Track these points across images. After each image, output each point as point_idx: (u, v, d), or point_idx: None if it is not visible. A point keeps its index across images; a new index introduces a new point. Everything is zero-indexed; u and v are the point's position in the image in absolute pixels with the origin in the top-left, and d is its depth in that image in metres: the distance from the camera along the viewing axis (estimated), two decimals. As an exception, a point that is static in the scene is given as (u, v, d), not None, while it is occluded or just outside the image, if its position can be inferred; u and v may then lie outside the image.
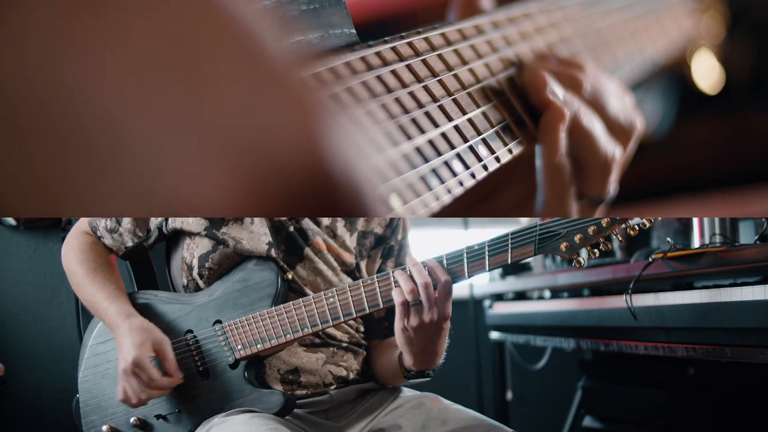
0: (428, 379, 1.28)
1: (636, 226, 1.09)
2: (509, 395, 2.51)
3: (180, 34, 0.43)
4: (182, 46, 0.43)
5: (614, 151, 1.04)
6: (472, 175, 0.84)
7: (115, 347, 1.30)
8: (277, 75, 0.46)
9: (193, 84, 0.43)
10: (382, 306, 1.19)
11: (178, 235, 1.35)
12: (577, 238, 1.11)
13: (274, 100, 0.46)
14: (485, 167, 0.86)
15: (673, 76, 1.14)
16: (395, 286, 1.16)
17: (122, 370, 1.23)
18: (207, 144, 0.43)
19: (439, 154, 0.80)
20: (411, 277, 1.15)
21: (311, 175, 0.46)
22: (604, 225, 1.10)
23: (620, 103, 1.07)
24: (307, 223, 1.32)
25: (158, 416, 1.28)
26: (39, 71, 0.40)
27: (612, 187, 1.06)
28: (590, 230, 1.10)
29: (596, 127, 1.02)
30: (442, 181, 0.80)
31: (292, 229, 1.31)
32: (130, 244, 1.37)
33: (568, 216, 1.04)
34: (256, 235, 1.29)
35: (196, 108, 0.43)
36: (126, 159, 0.42)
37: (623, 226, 1.10)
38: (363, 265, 1.37)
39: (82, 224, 1.41)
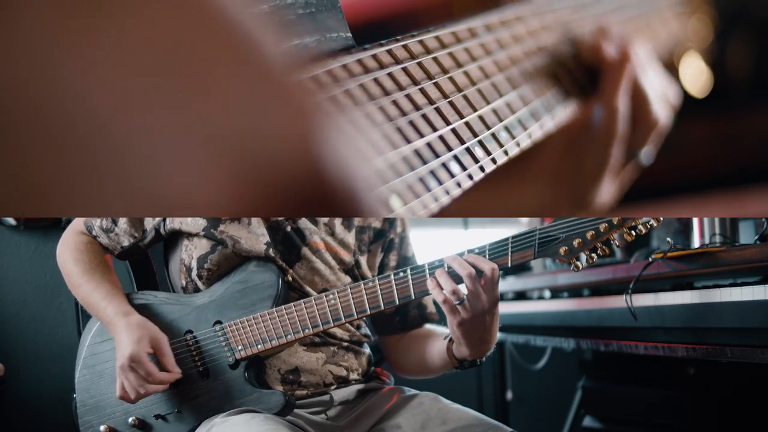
0: (480, 365, 1.27)
1: (633, 232, 1.10)
2: (509, 395, 2.51)
3: (175, 33, 0.43)
4: (177, 47, 0.43)
5: (662, 114, 1.12)
6: (470, 177, 0.84)
7: (113, 347, 1.30)
8: (273, 77, 0.46)
9: (188, 85, 0.43)
10: (383, 307, 1.20)
11: (176, 237, 1.35)
12: (576, 242, 1.11)
13: (270, 101, 0.46)
14: (482, 168, 0.86)
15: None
16: (435, 286, 1.15)
17: (119, 366, 1.23)
18: (203, 144, 0.43)
19: (437, 156, 0.80)
20: (451, 275, 1.14)
21: (307, 176, 0.46)
22: (602, 230, 1.11)
23: (663, 76, 1.14)
24: (304, 222, 1.33)
25: (157, 416, 1.28)
26: (33, 70, 0.40)
27: (650, 149, 1.13)
28: (589, 235, 1.11)
29: (648, 86, 1.11)
30: (441, 183, 0.80)
31: (289, 229, 1.32)
32: (125, 243, 1.37)
33: (608, 160, 1.08)
34: (254, 234, 1.29)
35: (192, 109, 0.43)
36: (122, 159, 0.41)
37: (621, 231, 1.11)
38: (363, 260, 1.37)
39: (77, 224, 1.41)
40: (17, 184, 0.41)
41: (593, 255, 1.12)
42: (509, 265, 1.14)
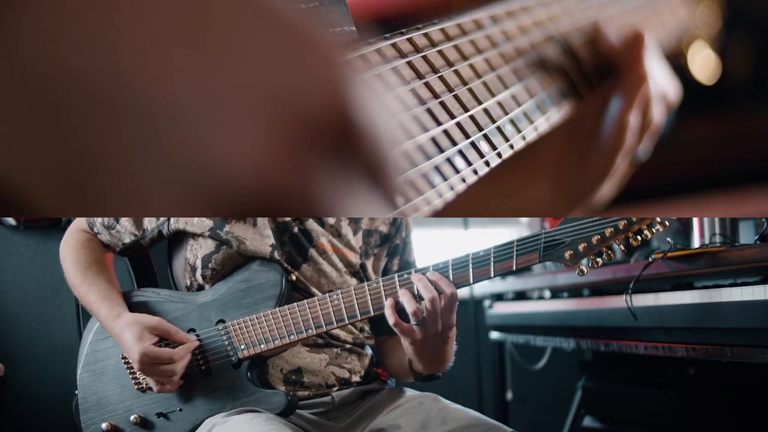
0: (439, 379, 1.29)
1: (639, 236, 1.10)
2: (509, 395, 2.51)
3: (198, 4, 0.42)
4: (203, 12, 0.42)
5: (658, 114, 1.11)
6: (475, 172, 0.84)
7: (114, 344, 1.30)
8: (300, 34, 0.46)
9: (219, 51, 0.42)
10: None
11: (181, 236, 1.35)
12: (581, 246, 1.11)
13: (300, 58, 0.45)
14: (487, 163, 0.86)
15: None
16: (390, 306, 1.17)
17: (139, 371, 1.23)
18: (241, 110, 0.43)
19: (442, 150, 0.80)
20: (414, 296, 1.16)
21: (338, 125, 0.46)
22: (608, 234, 1.11)
23: (665, 70, 1.13)
24: (311, 224, 1.33)
25: (159, 414, 1.28)
26: (62, 46, 0.39)
27: (646, 145, 1.12)
28: (594, 239, 1.11)
29: (653, 88, 1.10)
30: (445, 179, 0.80)
31: (296, 230, 1.32)
32: (127, 240, 1.37)
33: (610, 168, 1.08)
34: (259, 236, 1.29)
35: (226, 75, 0.42)
36: (130, 159, 0.41)
37: (627, 235, 1.11)
38: (369, 264, 1.38)
39: (79, 221, 1.41)
40: (30, 185, 0.40)
41: (598, 259, 1.12)
42: (514, 269, 1.14)
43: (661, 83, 1.11)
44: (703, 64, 1.49)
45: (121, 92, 0.40)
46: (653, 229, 1.11)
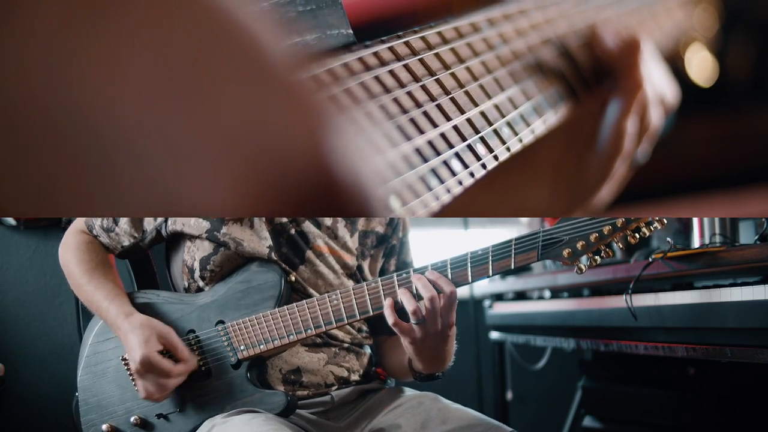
0: (438, 379, 1.29)
1: (637, 234, 1.10)
2: (509, 395, 2.51)
3: (182, 36, 0.43)
4: (184, 48, 0.43)
5: (656, 117, 1.11)
6: (471, 174, 0.84)
7: (115, 346, 1.30)
8: (280, 76, 0.46)
9: (196, 86, 0.43)
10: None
11: (178, 238, 1.35)
12: (579, 244, 1.11)
13: (277, 100, 0.46)
14: (484, 166, 0.86)
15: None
16: (389, 306, 1.17)
17: (135, 371, 1.23)
18: (212, 144, 0.43)
19: (438, 153, 0.80)
20: (414, 295, 1.15)
21: (316, 174, 0.46)
22: (605, 232, 1.11)
23: (662, 73, 1.13)
24: (307, 225, 1.33)
25: (159, 415, 1.28)
26: (43, 73, 0.40)
27: (645, 147, 1.12)
28: (592, 237, 1.11)
29: (650, 90, 1.10)
30: (442, 181, 0.80)
31: (293, 231, 1.32)
32: (126, 243, 1.37)
33: (609, 173, 1.08)
34: (257, 237, 1.29)
35: (200, 109, 0.43)
36: (129, 160, 0.42)
37: (624, 233, 1.11)
38: (365, 265, 1.37)
39: (78, 223, 1.41)
40: (21, 184, 0.41)
41: (596, 257, 1.12)
42: (512, 267, 1.15)
43: (658, 86, 1.11)
44: (701, 66, 1.49)
45: (74, 124, 0.41)
46: (651, 227, 1.11)
